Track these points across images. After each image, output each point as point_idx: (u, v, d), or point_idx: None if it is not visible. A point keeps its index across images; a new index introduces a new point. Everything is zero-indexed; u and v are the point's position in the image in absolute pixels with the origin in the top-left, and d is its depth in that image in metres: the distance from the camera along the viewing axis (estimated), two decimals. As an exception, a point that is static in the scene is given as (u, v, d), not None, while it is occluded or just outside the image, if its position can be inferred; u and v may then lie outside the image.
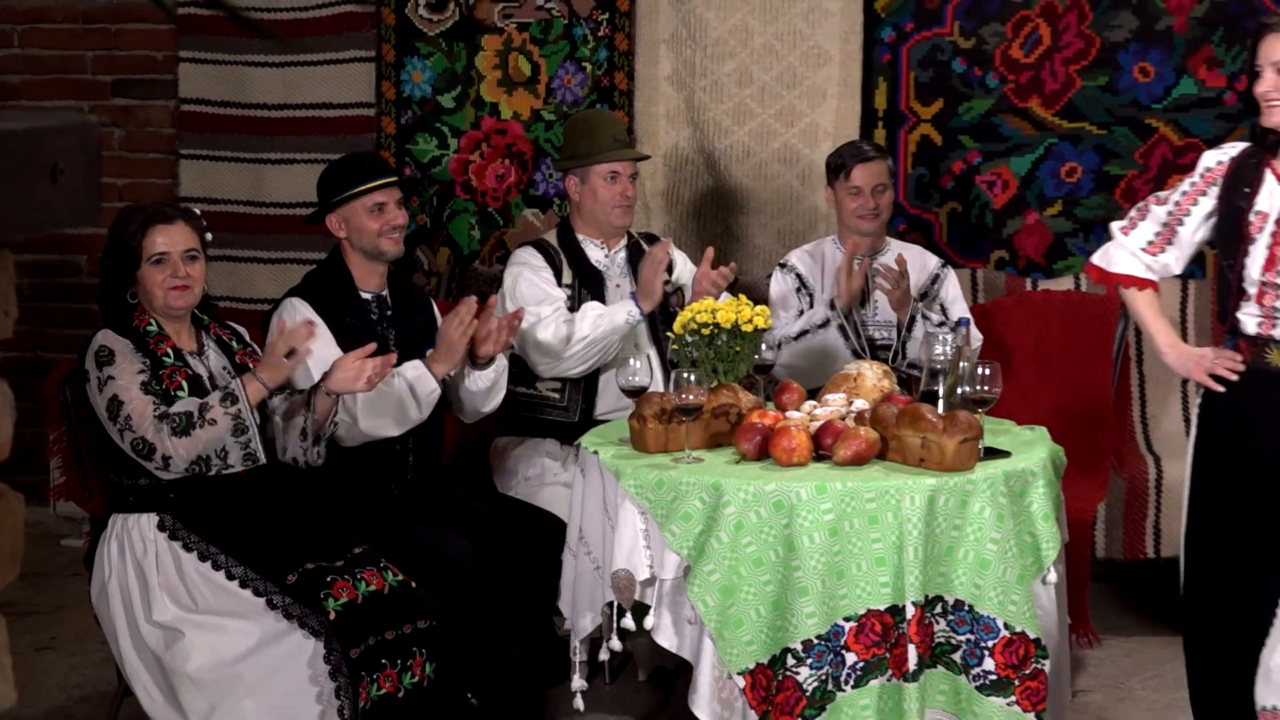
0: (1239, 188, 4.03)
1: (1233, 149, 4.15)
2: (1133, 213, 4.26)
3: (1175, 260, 4.19)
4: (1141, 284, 4.22)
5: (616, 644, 4.40)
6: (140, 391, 4.22)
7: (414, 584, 4.37)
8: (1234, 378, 4.00)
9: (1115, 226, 4.29)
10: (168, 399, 4.26)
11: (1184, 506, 4.17)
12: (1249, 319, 3.99)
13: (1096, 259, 4.34)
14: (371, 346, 4.39)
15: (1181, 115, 6.31)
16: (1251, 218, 3.98)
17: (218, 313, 4.69)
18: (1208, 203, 4.10)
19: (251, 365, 4.50)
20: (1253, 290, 3.97)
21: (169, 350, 4.37)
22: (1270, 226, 3.94)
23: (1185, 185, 4.17)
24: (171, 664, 4.17)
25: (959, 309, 5.71)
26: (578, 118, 5.73)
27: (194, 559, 4.26)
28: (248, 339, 4.67)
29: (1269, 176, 3.99)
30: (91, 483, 4.56)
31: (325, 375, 4.37)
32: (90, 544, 4.50)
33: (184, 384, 4.33)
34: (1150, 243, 4.17)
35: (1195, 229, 4.11)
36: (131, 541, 4.30)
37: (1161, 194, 4.24)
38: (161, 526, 4.30)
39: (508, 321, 4.89)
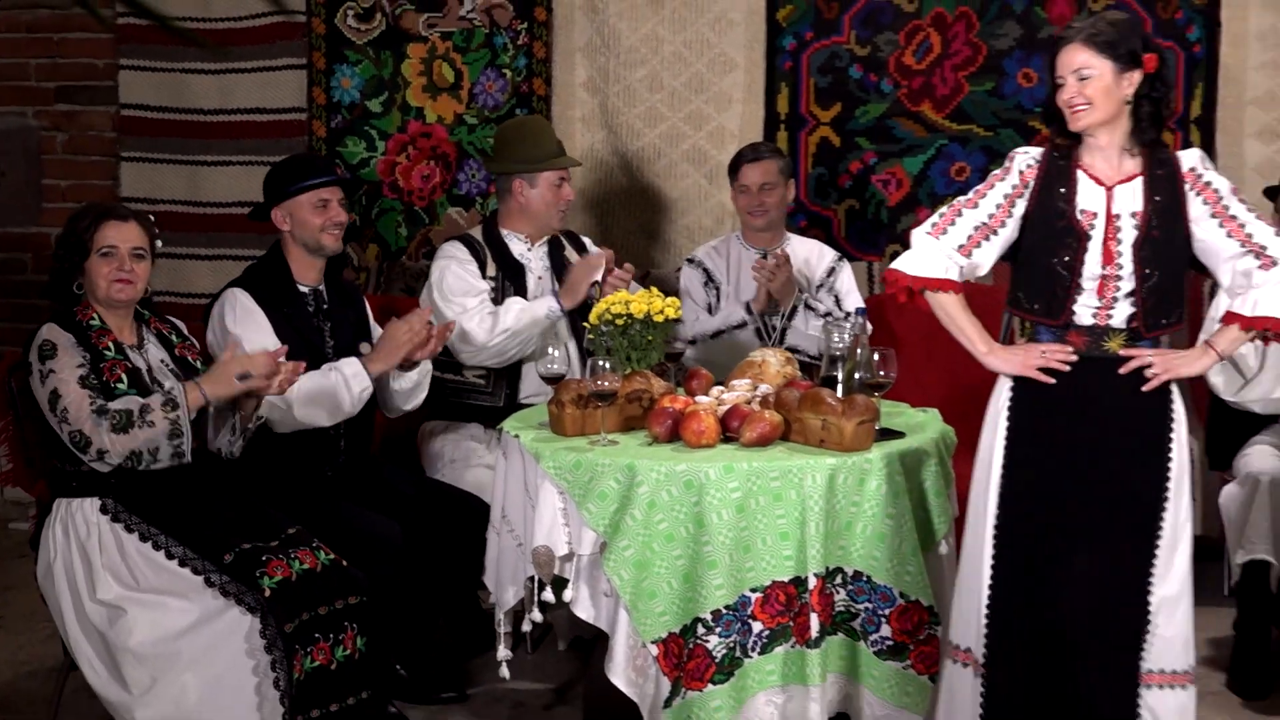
0: (1054, 188, 3.99)
1: (1038, 151, 4.08)
2: (937, 219, 4.09)
3: (986, 261, 4.07)
4: (952, 287, 4.07)
5: (538, 616, 4.41)
6: (78, 386, 4.18)
7: (345, 562, 4.35)
8: (1066, 369, 3.96)
9: (920, 232, 4.10)
10: (107, 392, 4.22)
11: (990, 492, 4.05)
12: (1084, 310, 3.96)
13: (901, 264, 4.09)
14: (284, 349, 4.36)
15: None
16: (1079, 216, 3.95)
17: (158, 307, 4.65)
18: (1023, 204, 4.02)
19: (191, 359, 4.50)
20: (1092, 284, 3.94)
21: (110, 344, 4.33)
22: (1101, 223, 3.93)
23: (1004, 187, 4.05)
24: (115, 640, 4.13)
25: (853, 300, 5.77)
26: (518, 124, 5.71)
27: (135, 540, 4.23)
28: (186, 332, 4.63)
29: (1081, 176, 3.98)
30: (38, 469, 4.50)
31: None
32: (36, 527, 4.44)
33: (124, 376, 4.29)
34: (961, 245, 4.04)
35: (1012, 229, 4.04)
36: (75, 524, 4.26)
37: (969, 198, 4.10)
38: (104, 510, 4.26)
39: (440, 332, 4.89)
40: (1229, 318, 3.90)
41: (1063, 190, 3.98)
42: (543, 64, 6.54)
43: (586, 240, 5.71)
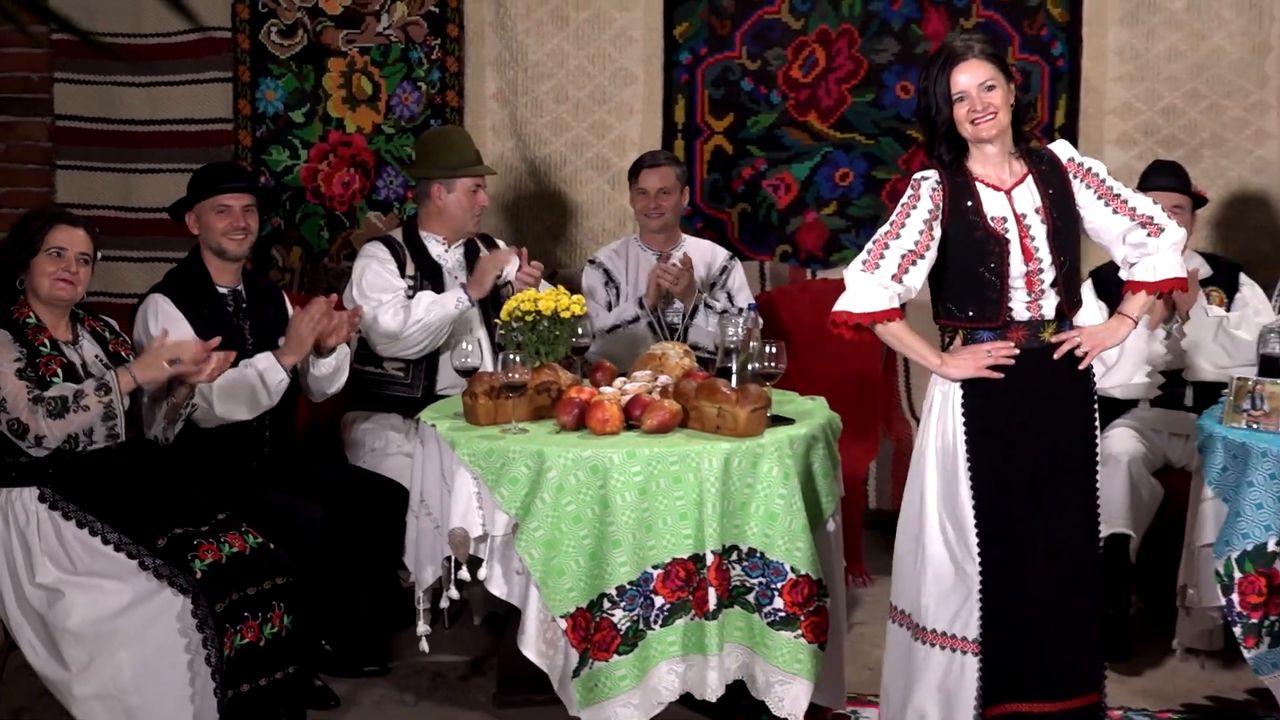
0: (962, 204, 3.97)
1: (935, 174, 4.01)
2: (866, 255, 4.00)
3: (916, 283, 4.01)
4: (895, 316, 4.00)
5: (454, 593, 4.40)
6: (15, 378, 4.13)
7: (272, 545, 4.32)
8: (1011, 363, 3.95)
9: (854, 270, 4.01)
10: (43, 384, 4.17)
11: (963, 481, 4.00)
12: (1019, 307, 3.97)
13: (844, 304, 4.01)
14: (216, 340, 4.33)
15: (937, 127, 6.39)
16: (991, 223, 3.95)
17: (91, 306, 4.59)
18: (938, 228, 3.98)
19: (124, 354, 4.45)
20: (1020, 283, 3.95)
21: (46, 340, 4.28)
22: (1012, 225, 3.95)
23: (920, 214, 3.97)
24: (53, 621, 4.09)
25: (745, 296, 5.81)
26: (438, 133, 5.71)
27: (73, 526, 4.18)
28: (118, 329, 4.59)
29: (980, 186, 3.98)
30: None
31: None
32: (-24, 515, 4.38)
33: (59, 371, 4.24)
34: (894, 275, 3.97)
35: (935, 251, 4.00)
36: (15, 512, 4.21)
37: (889, 229, 4.01)
38: (42, 498, 4.21)
39: (349, 318, 4.87)
40: (1134, 286, 3.96)
41: (969, 204, 3.97)
42: (455, 77, 6.52)
43: (500, 242, 5.70)
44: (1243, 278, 5.45)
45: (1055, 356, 3.96)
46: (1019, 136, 4.04)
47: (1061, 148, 4.05)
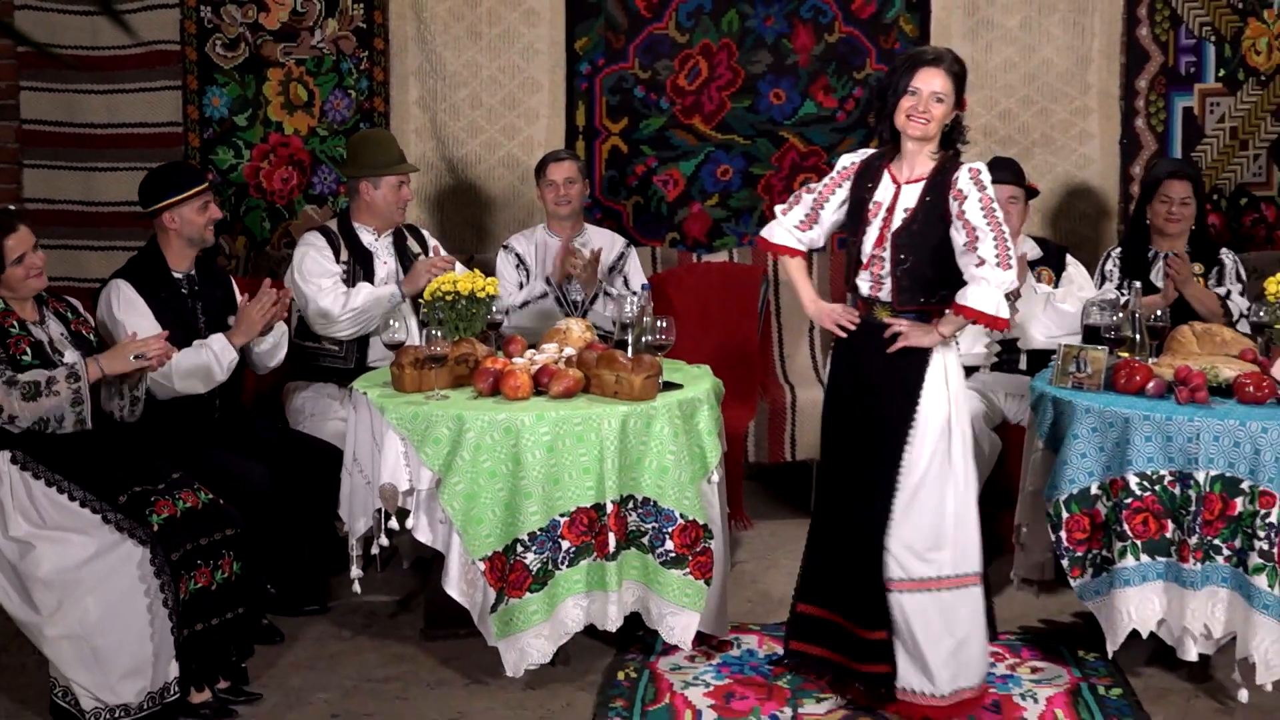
0: (864, 183, 4.04)
1: (864, 153, 4.14)
2: (790, 199, 4.22)
3: (819, 236, 4.18)
4: (793, 253, 4.20)
5: (384, 541, 4.39)
6: None
7: (221, 501, 4.27)
8: (853, 328, 4.03)
9: (778, 208, 4.24)
10: (15, 364, 4.11)
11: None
12: (864, 283, 4.02)
13: (763, 233, 4.28)
14: (166, 333, 4.32)
15: (805, 129, 6.42)
16: (870, 206, 4.00)
17: (55, 290, 4.50)
18: (841, 194, 4.10)
19: (85, 333, 4.39)
20: (866, 261, 4.01)
21: (15, 322, 4.20)
22: (882, 213, 3.98)
23: (827, 179, 4.17)
24: (25, 570, 4.01)
25: (639, 278, 5.83)
26: (365, 136, 5.65)
27: (42, 485, 4.10)
28: (81, 310, 4.50)
29: (886, 175, 4.02)
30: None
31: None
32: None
33: (28, 350, 4.17)
34: (800, 222, 4.16)
35: (832, 213, 4.12)
36: None
37: (812, 186, 4.20)
38: (14, 460, 4.12)
39: (281, 299, 4.82)
40: (953, 306, 3.93)
41: (869, 185, 4.04)
42: (382, 85, 6.46)
43: (425, 233, 5.67)
44: (1069, 258, 5.52)
45: (885, 335, 3.98)
46: (947, 144, 4.03)
47: (963, 172, 3.95)
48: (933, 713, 4.01)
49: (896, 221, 3.97)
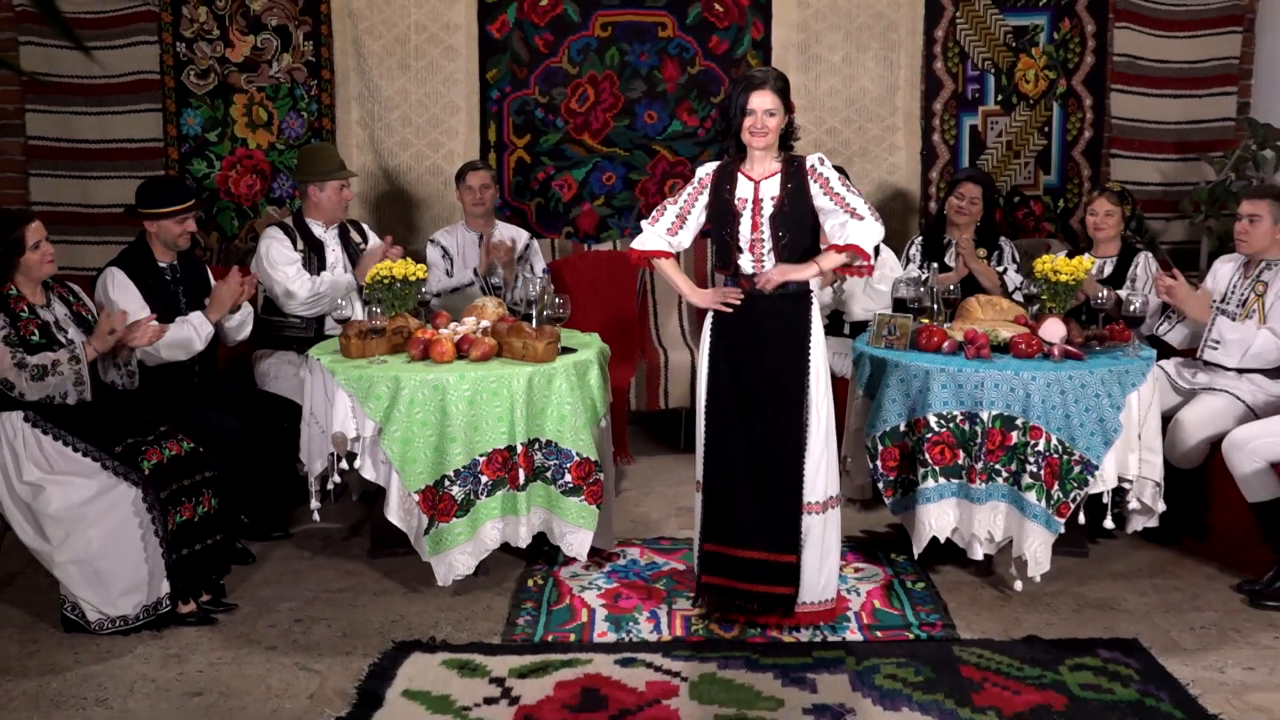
0: (724, 187, 3.98)
1: (715, 165, 4.06)
2: (655, 212, 4.09)
3: (686, 238, 4.07)
4: (665, 255, 4.07)
5: (337, 478, 4.35)
6: (2, 344, 3.98)
7: (201, 449, 4.19)
8: (738, 303, 3.95)
9: (644, 222, 4.10)
10: (27, 345, 4.02)
11: (702, 383, 3.99)
12: (746, 264, 3.95)
13: (634, 244, 4.10)
14: (154, 315, 4.32)
15: (673, 143, 6.42)
16: (736, 203, 3.95)
17: (59, 277, 4.38)
18: (704, 199, 4.02)
19: (84, 314, 4.29)
20: (747, 245, 3.94)
21: (24, 307, 4.10)
22: (750, 206, 3.93)
23: (689, 189, 4.06)
24: (38, 508, 3.93)
25: (540, 264, 5.83)
26: (313, 149, 5.53)
27: (49, 439, 4.01)
28: (81, 294, 4.39)
29: (740, 177, 3.97)
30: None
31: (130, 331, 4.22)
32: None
33: (36, 330, 4.07)
34: (669, 228, 4.04)
35: (698, 216, 4.04)
36: (4, 429, 4.02)
37: (672, 197, 4.10)
38: (26, 419, 4.03)
39: (249, 283, 4.78)
40: (832, 246, 3.86)
41: (728, 187, 3.96)
42: (328, 108, 6.34)
43: (365, 226, 5.59)
44: (882, 246, 5.58)
45: (761, 286, 3.88)
46: (785, 146, 3.99)
47: (813, 159, 3.94)
48: (822, 617, 4.00)
49: (768, 209, 3.90)
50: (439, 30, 6.33)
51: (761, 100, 3.89)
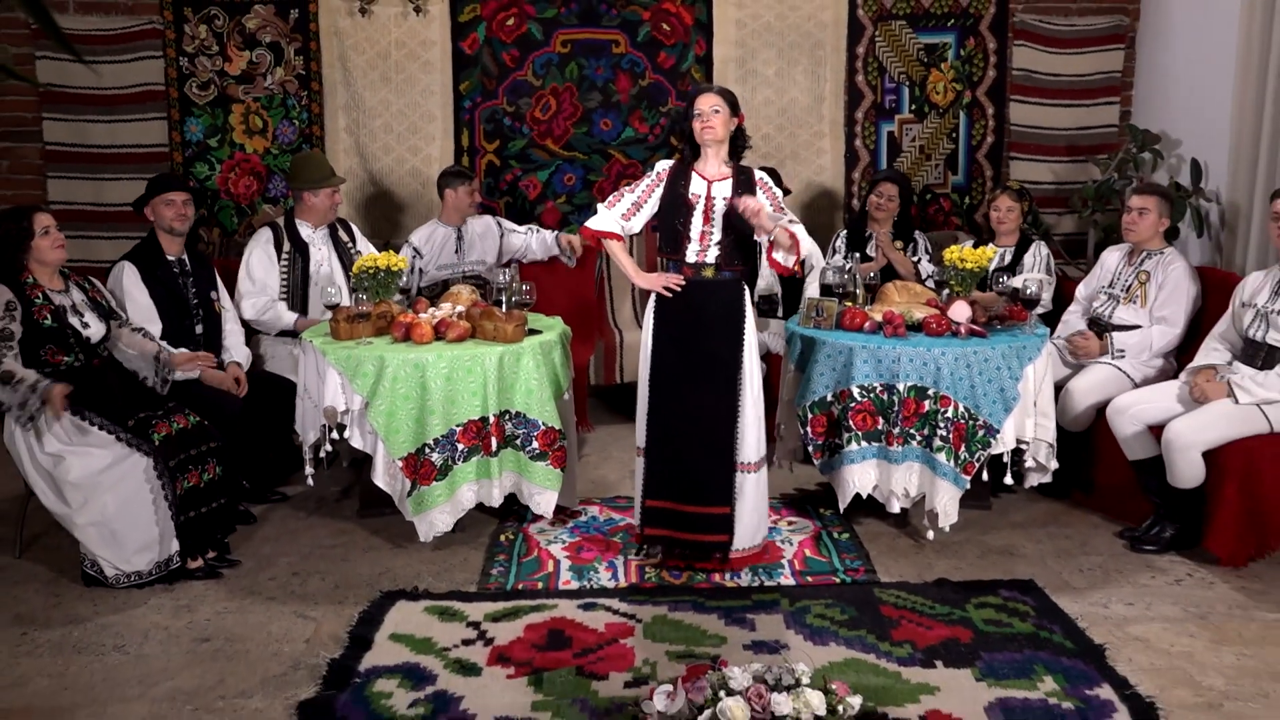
0: (679, 182, 3.98)
1: (672, 161, 4.06)
2: (611, 196, 4.08)
3: (637, 224, 4.04)
4: (615, 237, 4.05)
5: (329, 447, 4.33)
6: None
7: (206, 422, 4.16)
8: (679, 289, 3.95)
9: (601, 205, 4.09)
10: (37, 329, 3.96)
11: (645, 359, 4.00)
12: (691, 252, 3.95)
13: (589, 224, 4.10)
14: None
15: (626, 148, 6.41)
16: (690, 197, 3.95)
17: (76, 268, 4.33)
18: (660, 191, 4.01)
19: (98, 300, 4.22)
20: (696, 235, 3.94)
21: (39, 294, 4.04)
22: (703, 202, 3.93)
23: (646, 181, 4.05)
24: (59, 476, 3.89)
25: (519, 235, 5.77)
26: (305, 157, 5.40)
27: (69, 415, 3.95)
28: (96, 283, 4.33)
29: (694, 175, 3.98)
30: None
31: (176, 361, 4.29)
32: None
33: (48, 315, 4.02)
34: (624, 213, 4.02)
35: (652, 206, 4.02)
36: None
37: (630, 185, 4.09)
38: (48, 398, 3.98)
39: (204, 363, 4.56)
40: (786, 231, 3.87)
41: (683, 183, 3.97)
42: (318, 117, 6.28)
43: (353, 226, 5.52)
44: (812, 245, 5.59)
45: (740, 209, 3.81)
46: (735, 156, 4.00)
47: (759, 173, 4.01)
48: (754, 559, 4.05)
49: (720, 207, 3.92)
50: (417, 47, 6.28)
51: (706, 100, 3.92)
